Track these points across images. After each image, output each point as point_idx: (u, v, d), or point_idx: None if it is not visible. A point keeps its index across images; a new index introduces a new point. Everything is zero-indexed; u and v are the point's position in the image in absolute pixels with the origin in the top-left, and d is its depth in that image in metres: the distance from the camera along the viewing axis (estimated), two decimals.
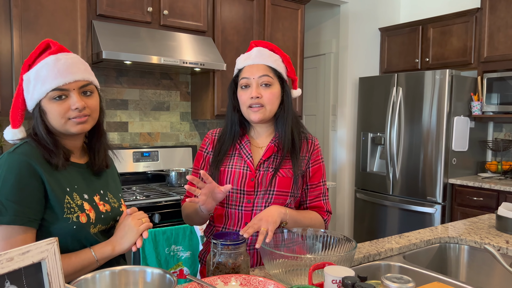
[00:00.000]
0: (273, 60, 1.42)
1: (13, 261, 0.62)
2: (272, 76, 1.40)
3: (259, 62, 1.41)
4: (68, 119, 1.16)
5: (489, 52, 3.57)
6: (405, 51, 4.17)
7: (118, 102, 3.05)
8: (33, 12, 2.35)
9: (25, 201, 1.07)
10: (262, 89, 1.39)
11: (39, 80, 1.13)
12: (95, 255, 1.13)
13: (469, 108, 3.65)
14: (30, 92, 1.16)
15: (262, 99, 1.38)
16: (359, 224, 4.24)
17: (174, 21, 2.86)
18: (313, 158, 1.48)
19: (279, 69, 1.42)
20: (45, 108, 1.15)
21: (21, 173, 1.08)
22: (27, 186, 1.08)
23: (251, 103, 1.38)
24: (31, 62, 1.18)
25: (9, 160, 1.10)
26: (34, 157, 1.12)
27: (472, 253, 1.68)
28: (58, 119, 1.15)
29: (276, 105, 1.42)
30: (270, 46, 1.47)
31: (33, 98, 1.15)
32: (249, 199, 1.40)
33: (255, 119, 1.40)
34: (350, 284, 0.93)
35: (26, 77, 1.16)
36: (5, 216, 1.05)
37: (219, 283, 1.08)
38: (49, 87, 1.13)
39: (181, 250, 2.31)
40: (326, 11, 4.50)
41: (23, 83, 1.17)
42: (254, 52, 1.44)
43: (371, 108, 4.07)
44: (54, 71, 1.13)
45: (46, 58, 1.15)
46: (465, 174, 3.69)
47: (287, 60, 1.47)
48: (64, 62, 1.15)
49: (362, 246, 1.57)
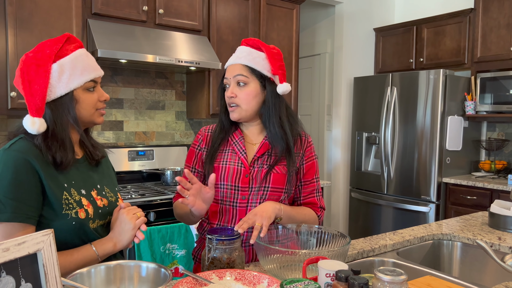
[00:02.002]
0: (251, 58, 1.40)
1: (9, 251, 0.62)
2: (247, 75, 1.39)
3: (235, 62, 1.42)
4: (96, 110, 1.23)
5: (482, 52, 3.60)
6: (400, 51, 4.20)
7: (113, 101, 3.05)
8: (28, 10, 2.35)
9: (23, 198, 1.07)
10: (238, 89, 1.40)
11: (76, 70, 1.17)
12: (97, 251, 1.14)
13: (463, 107, 3.68)
14: (63, 81, 1.15)
15: (236, 98, 1.40)
16: (353, 223, 4.26)
17: (170, 20, 2.87)
18: (307, 154, 1.49)
19: (257, 67, 1.39)
20: (78, 97, 1.19)
21: (17, 170, 1.08)
22: (24, 183, 1.08)
23: (228, 102, 1.42)
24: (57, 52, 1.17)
25: (5, 157, 1.10)
26: (30, 153, 1.11)
27: (464, 249, 1.70)
28: (89, 109, 1.21)
29: (253, 104, 1.40)
30: (256, 44, 1.43)
31: (67, 87, 1.16)
32: (243, 195, 1.40)
33: (232, 118, 1.43)
34: (344, 277, 0.94)
35: (58, 66, 1.15)
36: (4, 214, 1.05)
37: (214, 278, 1.09)
38: (88, 77, 1.19)
39: (176, 248, 2.31)
40: (321, 11, 4.52)
41: (51, 71, 1.15)
42: (237, 52, 1.45)
43: (365, 107, 4.09)
44: (90, 63, 1.21)
45: (77, 51, 1.20)
46: (459, 173, 3.71)
47: (272, 56, 1.42)
48: (92, 57, 1.24)
49: (356, 242, 1.58)
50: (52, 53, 1.16)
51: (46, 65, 1.15)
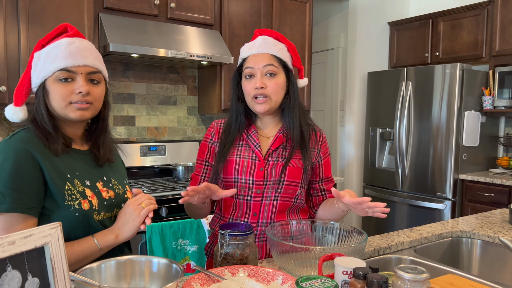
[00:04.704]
0: (278, 49, 1.38)
1: (15, 244, 0.60)
2: (277, 66, 1.36)
3: (263, 51, 1.36)
4: (69, 103, 1.13)
5: (501, 45, 3.50)
6: (415, 45, 4.12)
7: (125, 96, 3.04)
8: (40, 5, 2.34)
9: (24, 188, 1.05)
10: (267, 79, 1.35)
11: (48, 59, 1.11)
12: (98, 243, 1.11)
13: (480, 102, 3.59)
14: (37, 70, 1.13)
15: (266, 89, 1.34)
16: (367, 221, 4.20)
17: (181, 14, 2.84)
18: (323, 151, 1.47)
19: (284, 58, 1.38)
20: (48, 88, 1.13)
21: (18, 160, 1.05)
22: (25, 173, 1.05)
23: (255, 93, 1.35)
24: (45, 42, 1.16)
25: (6, 148, 1.08)
26: (32, 143, 1.09)
27: (484, 247, 1.65)
28: (59, 101, 1.12)
29: (281, 95, 1.38)
30: (274, 35, 1.42)
31: (39, 76, 1.13)
32: (258, 189, 1.37)
33: (260, 111, 1.36)
34: (362, 275, 0.90)
35: (37, 55, 1.14)
36: (4, 204, 1.03)
37: (227, 274, 1.06)
38: (57, 66, 1.11)
39: (188, 244, 2.29)
40: (334, 5, 4.45)
41: (33, 61, 1.15)
42: (258, 40, 1.39)
43: (380, 103, 4.02)
44: (66, 52, 1.11)
45: (61, 39, 1.14)
46: (476, 170, 3.63)
47: (293, 49, 1.43)
48: (78, 46, 1.13)
49: (372, 239, 1.54)
50: (40, 43, 1.15)
51: (32, 55, 1.15)
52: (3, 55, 2.27)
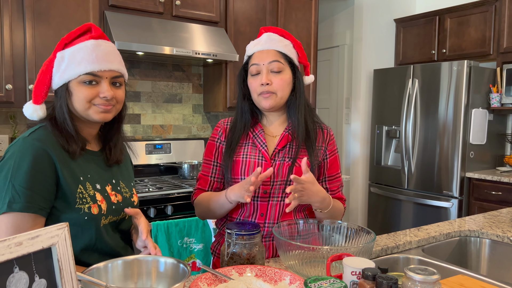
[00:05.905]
0: (283, 45, 1.37)
1: (22, 245, 0.59)
2: (283, 62, 1.35)
3: (269, 48, 1.36)
4: (92, 105, 1.14)
5: (509, 42, 3.46)
6: (421, 42, 4.08)
7: (130, 94, 3.04)
8: (45, 2, 2.34)
9: (38, 188, 1.05)
10: (273, 76, 1.34)
11: (74, 61, 1.11)
12: None
13: (488, 100, 3.55)
14: (60, 71, 1.13)
15: (272, 86, 1.33)
16: (372, 219, 4.18)
17: (187, 11, 2.83)
18: (330, 148, 1.45)
19: (290, 55, 1.37)
20: (72, 89, 1.13)
21: (35, 160, 1.05)
22: (40, 173, 1.05)
23: (261, 90, 1.34)
24: (69, 42, 1.15)
25: (24, 146, 1.07)
26: (49, 143, 1.09)
27: (493, 247, 1.63)
28: (82, 103, 1.13)
29: (287, 91, 1.37)
30: (280, 32, 1.41)
31: (62, 77, 1.12)
32: (265, 190, 1.35)
33: (266, 106, 1.35)
34: (371, 276, 0.89)
35: (61, 55, 1.13)
36: (18, 203, 1.02)
37: (234, 274, 1.05)
38: (83, 69, 1.11)
39: (193, 242, 2.29)
40: (340, 2, 4.42)
41: (55, 60, 1.14)
42: (263, 37, 1.39)
43: (386, 100, 4.00)
44: (92, 55, 1.11)
45: (86, 41, 1.13)
46: (483, 168, 3.60)
47: (298, 46, 1.42)
48: (104, 49, 1.13)
49: (379, 238, 1.53)
50: (63, 42, 1.14)
51: (54, 54, 1.14)
52: (9, 53, 2.27)
